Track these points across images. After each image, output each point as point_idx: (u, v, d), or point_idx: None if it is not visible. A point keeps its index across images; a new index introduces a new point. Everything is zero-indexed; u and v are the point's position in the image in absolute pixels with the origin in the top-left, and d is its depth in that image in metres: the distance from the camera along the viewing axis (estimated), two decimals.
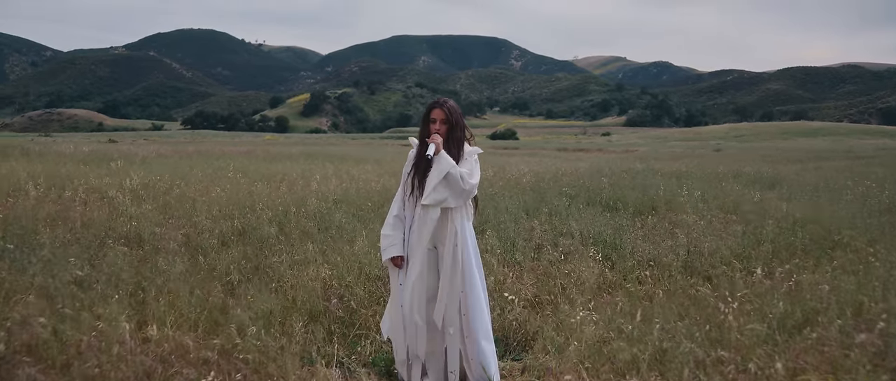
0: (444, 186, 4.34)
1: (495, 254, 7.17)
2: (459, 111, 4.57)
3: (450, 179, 4.31)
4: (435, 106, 4.52)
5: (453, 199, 4.38)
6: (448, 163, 4.32)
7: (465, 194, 4.37)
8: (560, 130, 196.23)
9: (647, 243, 7.78)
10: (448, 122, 4.46)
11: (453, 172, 4.31)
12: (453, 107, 4.53)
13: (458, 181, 4.30)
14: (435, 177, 4.33)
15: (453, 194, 4.35)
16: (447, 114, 4.46)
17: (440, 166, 4.32)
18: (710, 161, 28.55)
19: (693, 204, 10.67)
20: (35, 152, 21.72)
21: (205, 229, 8.52)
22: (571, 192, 11.84)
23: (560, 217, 9.42)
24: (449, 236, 4.42)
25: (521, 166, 18.39)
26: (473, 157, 4.52)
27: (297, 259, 7.01)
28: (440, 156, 4.34)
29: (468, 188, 4.36)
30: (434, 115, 4.49)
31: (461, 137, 4.49)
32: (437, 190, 4.35)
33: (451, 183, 4.32)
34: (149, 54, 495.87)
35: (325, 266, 6.64)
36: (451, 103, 4.54)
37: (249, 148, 35.48)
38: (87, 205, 9.82)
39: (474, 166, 4.49)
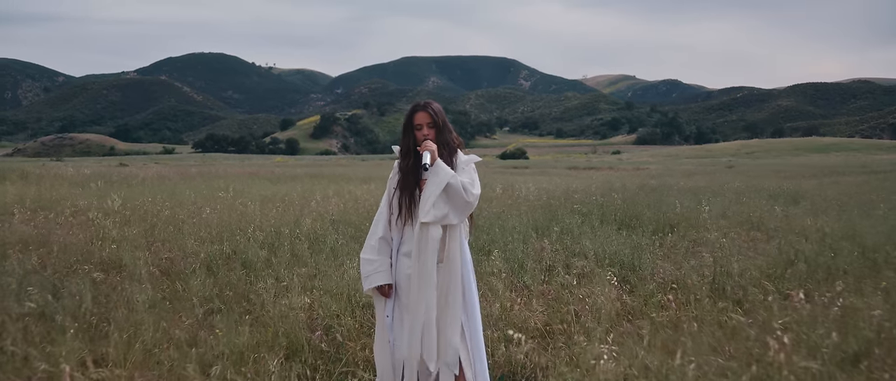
0: (444, 200, 3.73)
1: (501, 277, 6.51)
2: (443, 112, 3.98)
3: (451, 191, 3.71)
4: (417, 109, 3.93)
5: (455, 214, 3.77)
6: (447, 173, 3.71)
7: (467, 207, 3.76)
8: (570, 149, 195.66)
9: (668, 263, 7.11)
10: (435, 125, 3.87)
11: (454, 183, 3.70)
12: (438, 109, 3.93)
13: (460, 193, 3.70)
14: (434, 190, 3.71)
15: (455, 208, 3.75)
16: (432, 116, 3.87)
17: (439, 178, 3.71)
18: (724, 177, 27.80)
19: (713, 221, 9.99)
20: (34, 175, 21.23)
21: (190, 253, 7.94)
22: (583, 209, 11.15)
23: (572, 236, 8.75)
24: (448, 258, 3.80)
25: (531, 184, 17.72)
26: (471, 165, 3.93)
27: (283, 285, 6.39)
28: (437, 165, 3.73)
29: (471, 200, 3.74)
30: (418, 119, 3.89)
31: (451, 142, 3.91)
32: (437, 206, 3.73)
33: (452, 196, 3.72)
34: (160, 79, 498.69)
35: (312, 292, 6.02)
36: (434, 105, 3.94)
37: (254, 169, 34.94)
38: (70, 228, 9.21)
39: (474, 176, 3.88)
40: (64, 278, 6.48)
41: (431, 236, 3.74)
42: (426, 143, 3.79)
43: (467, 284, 3.85)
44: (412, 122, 3.90)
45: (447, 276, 3.77)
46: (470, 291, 3.85)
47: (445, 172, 3.70)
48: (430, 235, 3.74)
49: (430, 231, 3.74)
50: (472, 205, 3.77)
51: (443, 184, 3.69)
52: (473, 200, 3.76)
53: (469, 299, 3.85)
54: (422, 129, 3.86)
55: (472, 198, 3.74)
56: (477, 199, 3.79)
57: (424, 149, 3.77)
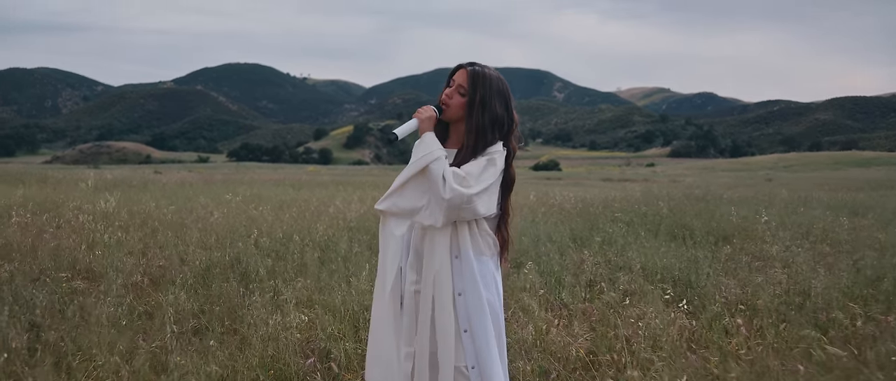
0: (421, 186, 2.73)
1: (536, 294, 5.57)
2: (501, 90, 2.88)
3: (428, 176, 2.70)
4: (461, 66, 2.90)
5: (431, 211, 2.70)
6: (428, 150, 2.70)
7: (446, 207, 2.65)
8: (603, 161, 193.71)
9: (731, 279, 6.11)
10: (469, 94, 2.83)
11: (433, 167, 2.67)
12: (486, 76, 2.85)
13: (437, 183, 2.64)
14: (408, 168, 2.73)
15: (432, 202, 2.70)
16: (471, 79, 2.83)
17: (418, 152, 2.72)
18: (767, 189, 26.48)
19: (772, 232, 8.95)
20: (54, 179, 20.68)
21: (189, 260, 7.12)
22: (626, 218, 10.15)
23: (616, 247, 7.78)
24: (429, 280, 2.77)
25: (566, 193, 16.72)
26: (488, 155, 2.80)
27: (283, 298, 5.52)
28: (423, 138, 2.75)
29: (448, 197, 2.62)
30: (458, 76, 2.88)
31: (485, 131, 2.80)
32: (407, 191, 2.76)
33: (429, 184, 2.70)
34: (196, 88, 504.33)
35: (313, 308, 5.14)
36: (485, 70, 2.86)
37: (282, 176, 34.30)
38: (64, 232, 8.42)
39: (485, 167, 2.75)
40: (33, 287, 5.67)
41: (390, 233, 2.80)
42: (421, 109, 2.83)
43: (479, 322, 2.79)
44: (450, 78, 2.92)
45: (439, 304, 2.76)
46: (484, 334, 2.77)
47: (427, 150, 2.70)
48: (389, 229, 2.80)
49: (389, 226, 2.80)
50: (451, 205, 2.64)
51: (421, 164, 2.68)
52: (454, 197, 2.63)
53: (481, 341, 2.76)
54: (450, 87, 2.88)
55: (450, 194, 2.62)
56: (463, 199, 2.65)
57: (415, 115, 2.81)
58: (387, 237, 2.80)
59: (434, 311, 2.74)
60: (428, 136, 2.75)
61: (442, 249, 2.74)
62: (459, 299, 2.76)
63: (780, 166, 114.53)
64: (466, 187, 2.65)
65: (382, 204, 2.78)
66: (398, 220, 2.77)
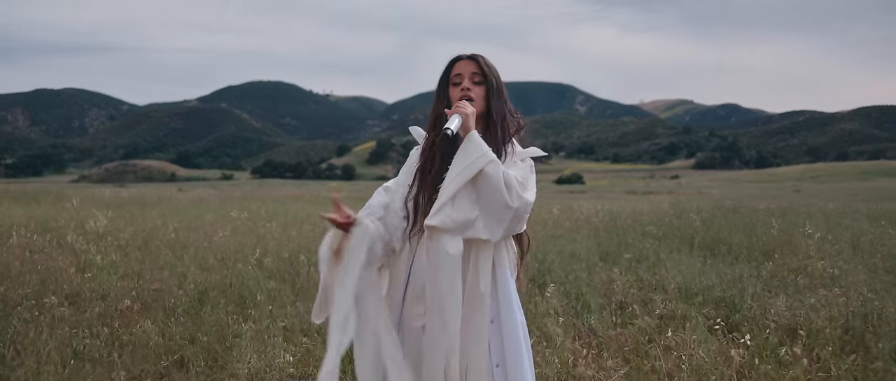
0: (471, 195, 2.24)
1: (559, 319, 4.98)
2: (498, 74, 2.53)
3: (485, 183, 2.22)
4: (458, 58, 2.50)
5: (487, 223, 2.25)
6: (483, 153, 2.24)
7: (508, 215, 2.25)
8: (627, 173, 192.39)
9: (780, 299, 5.46)
10: (485, 81, 2.46)
11: (492, 171, 2.22)
12: (490, 63, 2.50)
13: (499, 190, 2.21)
14: (457, 176, 2.24)
15: (489, 213, 2.25)
16: (481, 66, 2.46)
17: (469, 157, 2.24)
18: (796, 200, 25.61)
19: (816, 245, 8.27)
20: (69, 197, 20.36)
21: (186, 282, 6.61)
22: (657, 232, 9.49)
23: (648, 264, 7.15)
24: (474, 300, 2.29)
25: (591, 206, 16.07)
26: (528, 161, 2.43)
27: (282, 325, 4.97)
28: (470, 138, 2.27)
29: (516, 205, 2.23)
30: (459, 68, 2.47)
31: (505, 118, 2.47)
32: (458, 202, 2.24)
33: (486, 192, 2.23)
34: (220, 106, 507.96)
35: (311, 336, 4.58)
36: (485, 59, 2.50)
37: (302, 192, 33.89)
38: (60, 253, 7.93)
39: (529, 174, 2.37)
40: (11, 315, 5.16)
41: (443, 250, 2.22)
42: (459, 104, 2.34)
43: (514, 349, 2.35)
44: (449, 76, 2.48)
45: (470, 334, 2.27)
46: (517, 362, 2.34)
47: (480, 151, 2.24)
48: (443, 248, 2.23)
49: (442, 243, 2.23)
50: (517, 214, 2.26)
51: (474, 168, 2.21)
52: (520, 206, 2.25)
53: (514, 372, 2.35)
54: (462, 83, 2.43)
55: (517, 202, 2.23)
56: (527, 208, 2.29)
57: (454, 111, 2.31)
58: (437, 257, 2.24)
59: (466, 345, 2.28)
60: (474, 135, 2.28)
61: (486, 269, 2.30)
62: (492, 326, 2.34)
63: (807, 177, 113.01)
64: (525, 194, 2.30)
65: (434, 219, 2.24)
66: (453, 236, 2.24)
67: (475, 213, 2.23)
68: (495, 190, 2.21)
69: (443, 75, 2.49)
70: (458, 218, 2.22)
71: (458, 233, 2.23)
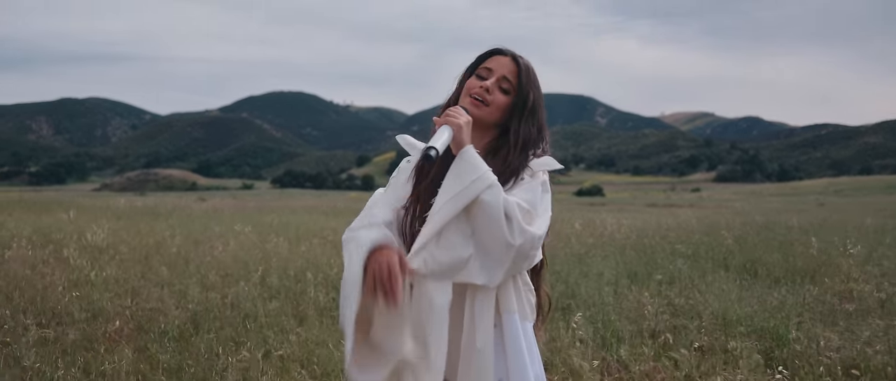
0: (462, 228, 1.78)
1: (586, 349, 4.50)
2: (540, 88, 2.03)
3: (481, 213, 1.76)
4: (498, 52, 2.01)
5: (484, 265, 1.78)
6: (476, 174, 1.78)
7: (512, 257, 1.77)
8: (648, 186, 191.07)
9: (830, 330, 4.94)
10: (519, 89, 1.96)
11: (489, 198, 1.75)
12: (532, 70, 2.02)
13: (497, 221, 1.73)
14: (446, 204, 1.78)
15: (486, 251, 1.77)
16: (520, 73, 1.97)
17: (460, 178, 1.78)
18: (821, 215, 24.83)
19: (859, 266, 7.72)
20: (82, 206, 20.10)
21: (183, 301, 6.20)
22: (686, 251, 8.94)
23: (680, 286, 6.64)
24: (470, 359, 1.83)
25: (614, 220, 15.53)
26: (538, 176, 1.92)
27: (279, 354, 4.53)
28: (463, 157, 1.81)
29: (521, 245, 1.75)
30: (494, 63, 1.99)
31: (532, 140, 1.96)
32: (446, 238, 1.78)
33: (482, 223, 1.76)
34: (241, 116, 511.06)
35: (310, 366, 4.13)
36: (530, 67, 2.01)
37: (320, 203, 33.54)
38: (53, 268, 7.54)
39: (541, 195, 1.88)
40: None
41: (427, 301, 1.77)
42: (451, 111, 1.87)
43: None
44: (477, 66, 2.01)
45: None
46: None
47: (475, 173, 1.77)
48: (426, 296, 1.77)
49: (426, 291, 1.78)
50: (520, 253, 1.77)
51: (467, 195, 1.75)
52: (525, 243, 1.76)
53: None
54: (486, 79, 1.96)
55: (520, 239, 1.75)
56: (535, 243, 1.79)
57: (443, 121, 1.86)
58: (425, 310, 1.78)
59: None
60: (469, 153, 1.81)
61: (486, 319, 1.83)
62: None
63: (831, 191, 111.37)
64: (533, 226, 1.80)
65: (415, 261, 1.78)
66: (439, 282, 1.78)
67: (468, 251, 1.76)
68: (493, 223, 1.73)
69: (470, 64, 2.02)
70: (444, 259, 1.75)
71: (447, 277, 1.76)
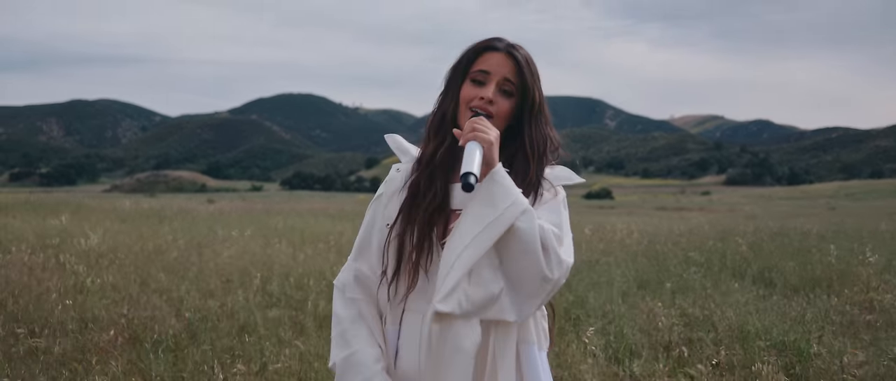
0: (491, 261, 1.56)
1: (598, 363, 4.28)
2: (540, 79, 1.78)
3: (516, 243, 1.55)
4: (491, 48, 1.73)
5: (516, 301, 1.58)
6: (510, 199, 1.55)
7: (548, 291, 1.57)
8: (657, 189, 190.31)
9: (855, 344, 4.71)
10: (522, 90, 1.71)
11: (525, 226, 1.54)
12: (532, 62, 1.76)
13: (535, 254, 1.52)
14: (480, 235, 1.54)
15: (519, 285, 1.57)
16: (523, 70, 1.71)
17: (493, 204, 1.55)
18: (834, 219, 24.49)
19: (877, 275, 7.47)
20: (88, 208, 19.96)
21: (184, 307, 6.02)
22: (700, 258, 8.70)
23: (693, 295, 6.41)
24: None
25: (623, 224, 15.29)
26: (559, 192, 1.71)
27: (276, 368, 4.33)
28: (494, 179, 1.58)
29: (555, 276, 1.54)
30: (489, 62, 1.71)
31: (541, 146, 1.72)
32: (477, 274, 1.56)
33: (516, 254, 1.56)
34: (251, 118, 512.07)
35: None
36: (528, 58, 1.75)
37: (328, 205, 33.36)
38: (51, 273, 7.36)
39: (563, 214, 1.67)
40: None
41: (455, 346, 1.55)
42: (478, 124, 1.60)
43: None
44: (469, 69, 1.73)
45: None
46: None
47: (508, 198, 1.55)
48: (454, 340, 1.55)
49: (454, 333, 1.56)
50: (556, 285, 1.57)
51: (501, 225, 1.53)
52: (561, 275, 1.57)
53: None
54: (486, 85, 1.69)
55: (558, 271, 1.55)
56: (566, 272, 1.58)
57: (470, 137, 1.58)
58: (447, 356, 1.56)
59: None
60: (500, 174, 1.58)
61: (508, 357, 1.63)
62: None
63: (842, 194, 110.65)
64: (564, 253, 1.60)
65: (447, 304, 1.54)
66: (468, 321, 1.57)
67: (498, 285, 1.55)
68: (529, 254, 1.52)
69: (459, 64, 1.75)
70: (478, 298, 1.54)
71: (476, 316, 1.55)
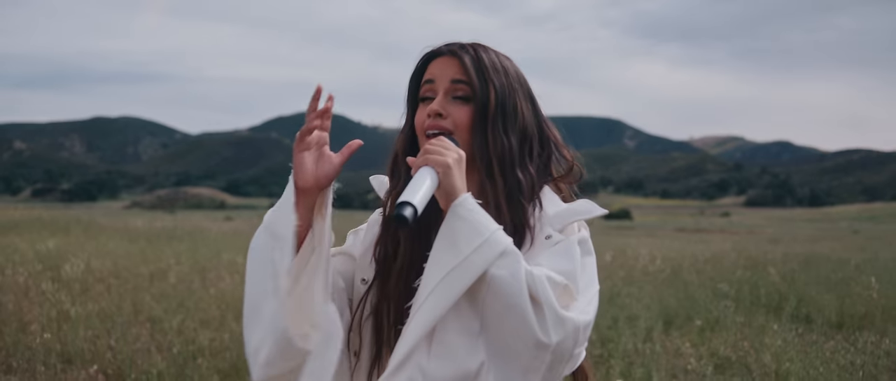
0: (466, 321, 1.11)
1: None
2: (520, 77, 1.34)
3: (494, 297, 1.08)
4: (433, 54, 1.33)
5: (505, 377, 1.09)
6: (480, 237, 1.10)
7: (548, 362, 1.08)
8: (676, 210, 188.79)
9: None
10: (480, 91, 1.26)
11: (503, 274, 1.07)
12: (498, 55, 1.32)
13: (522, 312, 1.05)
14: (439, 288, 1.09)
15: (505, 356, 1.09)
16: (473, 66, 1.27)
17: (456, 246, 1.10)
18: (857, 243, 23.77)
19: None
20: (98, 226, 19.69)
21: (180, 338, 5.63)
22: (729, 290, 8.14)
23: (725, 333, 5.91)
24: None
25: (645, 249, 14.74)
26: (574, 230, 1.23)
27: None
28: (458, 212, 1.14)
29: (559, 342, 1.06)
30: (432, 72, 1.32)
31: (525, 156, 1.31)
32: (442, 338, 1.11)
33: (495, 313, 1.09)
34: (270, 136, 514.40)
35: None
36: (479, 50, 1.30)
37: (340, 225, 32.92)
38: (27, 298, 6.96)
39: (582, 261, 1.17)
40: None
41: None
42: (432, 144, 1.20)
43: None
44: (419, 87, 1.36)
45: None
46: None
47: (478, 236, 1.11)
48: None
49: None
50: (559, 354, 1.09)
51: (470, 272, 1.08)
52: (564, 339, 1.09)
53: None
54: (430, 102, 1.31)
55: (557, 335, 1.07)
56: (579, 337, 1.12)
57: (421, 162, 1.18)
58: None
59: None
60: (465, 204, 1.16)
61: None
62: None
63: (865, 217, 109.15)
64: (573, 309, 1.14)
65: (400, 375, 1.13)
66: None
67: (477, 358, 1.11)
68: (512, 311, 1.09)
69: (408, 88, 1.41)
70: (441, 375, 1.11)
71: None
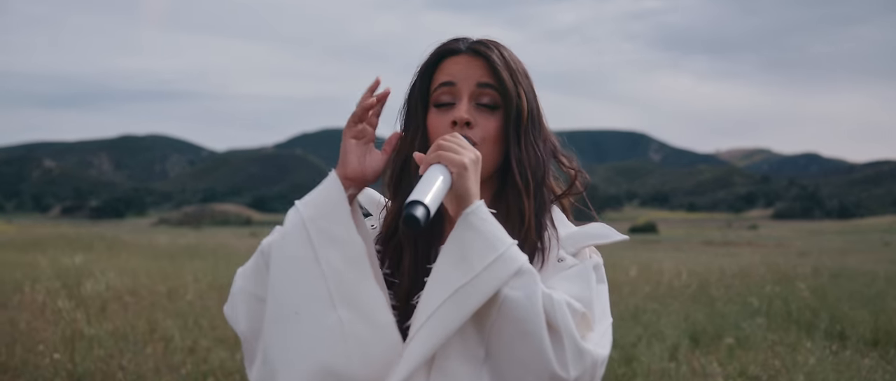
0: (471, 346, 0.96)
1: None
2: (529, 80, 1.16)
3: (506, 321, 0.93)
4: (450, 51, 1.13)
5: None
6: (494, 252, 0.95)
7: None
8: (703, 223, 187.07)
9: None
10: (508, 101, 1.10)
11: (518, 296, 0.93)
12: (512, 57, 1.12)
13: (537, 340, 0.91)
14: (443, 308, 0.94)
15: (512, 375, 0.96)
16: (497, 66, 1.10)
17: (467, 261, 0.95)
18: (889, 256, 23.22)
19: None
20: (121, 244, 19.76)
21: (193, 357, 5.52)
22: (759, 305, 7.87)
23: (755, 351, 5.68)
24: None
25: (670, 263, 14.46)
26: (587, 256, 1.07)
27: None
28: (469, 221, 0.98)
29: (578, 376, 0.91)
30: (451, 71, 1.12)
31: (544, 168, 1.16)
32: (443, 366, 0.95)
33: (507, 338, 0.93)
34: (295, 152, 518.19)
35: None
36: (501, 48, 1.12)
37: None
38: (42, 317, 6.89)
39: (593, 286, 1.00)
40: None
41: None
42: (446, 140, 1.01)
43: None
44: (430, 86, 1.15)
45: None
46: None
47: (491, 251, 0.95)
48: None
49: None
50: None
51: (481, 291, 0.93)
52: (583, 374, 0.92)
53: None
54: (456, 102, 1.11)
55: (576, 370, 0.92)
56: (597, 372, 0.95)
57: (432, 159, 0.99)
58: None
59: None
60: (478, 212, 1.01)
61: None
62: None
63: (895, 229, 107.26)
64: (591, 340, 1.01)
65: None
66: None
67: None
68: (527, 340, 0.95)
69: (414, 88, 1.20)
70: None
71: None
